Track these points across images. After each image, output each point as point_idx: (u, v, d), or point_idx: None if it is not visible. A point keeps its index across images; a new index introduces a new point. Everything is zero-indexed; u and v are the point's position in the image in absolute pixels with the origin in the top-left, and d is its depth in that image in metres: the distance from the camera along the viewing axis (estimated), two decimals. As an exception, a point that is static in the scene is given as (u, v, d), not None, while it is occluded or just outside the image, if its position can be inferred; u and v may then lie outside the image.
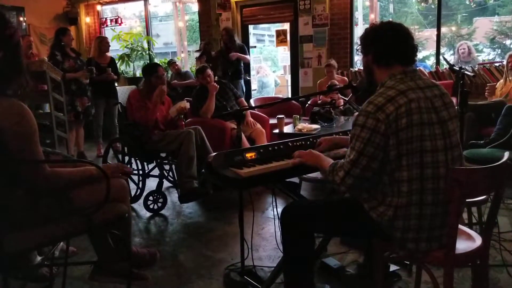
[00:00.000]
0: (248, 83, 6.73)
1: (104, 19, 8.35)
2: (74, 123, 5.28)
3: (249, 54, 6.42)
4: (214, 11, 7.00)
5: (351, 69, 6.22)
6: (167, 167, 3.89)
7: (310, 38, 6.33)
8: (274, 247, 2.75)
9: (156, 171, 3.81)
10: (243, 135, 3.70)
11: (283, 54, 9.66)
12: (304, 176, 3.23)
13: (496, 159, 1.63)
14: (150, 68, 3.83)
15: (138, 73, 7.78)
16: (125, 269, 2.10)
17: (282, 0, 6.66)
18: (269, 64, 12.56)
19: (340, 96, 4.87)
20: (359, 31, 6.48)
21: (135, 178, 3.75)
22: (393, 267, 2.36)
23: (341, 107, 4.87)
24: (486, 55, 10.04)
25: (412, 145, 1.57)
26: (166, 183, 3.91)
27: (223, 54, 5.98)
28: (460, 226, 1.70)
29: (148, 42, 8.06)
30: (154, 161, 3.77)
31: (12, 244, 1.69)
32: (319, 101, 5.29)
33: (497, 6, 10.50)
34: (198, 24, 7.82)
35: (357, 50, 1.92)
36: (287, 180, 2.36)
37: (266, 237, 2.99)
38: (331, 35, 6.24)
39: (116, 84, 6.18)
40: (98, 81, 5.49)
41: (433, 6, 6.61)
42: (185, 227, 3.31)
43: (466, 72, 3.06)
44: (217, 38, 6.71)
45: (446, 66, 5.47)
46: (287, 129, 4.31)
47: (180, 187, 3.51)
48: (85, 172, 1.86)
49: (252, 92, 7.89)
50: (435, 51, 6.31)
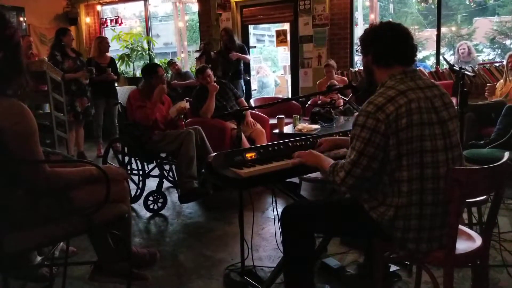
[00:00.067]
0: (248, 83, 6.73)
1: (104, 19, 8.35)
2: (73, 123, 5.28)
3: (249, 54, 6.42)
4: (214, 11, 7.00)
5: (351, 69, 6.22)
6: (167, 167, 3.89)
7: (310, 38, 6.32)
8: (274, 247, 2.75)
9: (156, 171, 3.81)
10: (243, 135, 3.70)
11: (283, 54, 9.66)
12: (304, 176, 3.24)
13: (496, 159, 1.63)
14: (150, 69, 3.83)
15: (138, 73, 7.78)
16: (125, 269, 2.10)
17: (282, 0, 6.66)
18: (269, 64, 12.56)
19: (340, 96, 4.87)
20: (359, 31, 6.48)
21: (135, 178, 3.76)
22: (393, 267, 2.36)
23: (341, 107, 4.87)
24: (486, 55, 10.04)
25: (412, 145, 1.57)
26: (166, 183, 3.91)
27: (223, 54, 5.98)
28: (460, 226, 1.70)
29: (148, 42, 8.05)
30: (154, 161, 3.77)
31: (12, 244, 1.69)
32: (319, 101, 5.29)
33: (497, 6, 10.50)
34: (198, 24, 7.81)
35: (356, 50, 1.92)
36: (287, 180, 2.36)
37: (266, 237, 2.99)
38: (331, 35, 6.24)
39: (116, 84, 6.18)
40: (98, 81, 5.49)
41: (433, 6, 6.61)
42: (185, 227, 3.31)
43: (466, 72, 3.06)
44: (217, 38, 6.70)
45: (446, 66, 5.47)
46: (287, 129, 4.30)
47: (180, 187, 3.51)
48: (85, 172, 1.86)
49: (252, 92, 7.88)
50: (435, 51, 6.31)
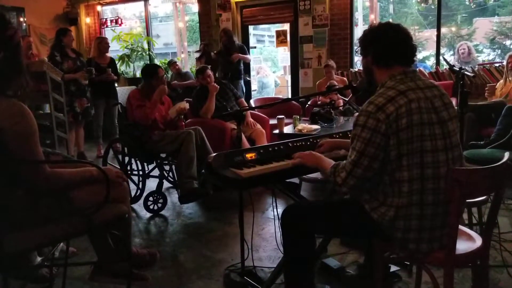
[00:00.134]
0: (248, 84, 6.73)
1: (104, 19, 8.35)
2: (73, 124, 5.28)
3: (249, 54, 6.42)
4: (214, 12, 7.00)
5: (351, 69, 6.22)
6: (167, 167, 3.89)
7: (310, 38, 6.33)
8: (274, 247, 2.75)
9: (156, 172, 3.81)
10: (243, 136, 3.70)
11: (283, 54, 9.67)
12: (304, 176, 3.24)
13: (496, 159, 1.63)
14: (150, 70, 3.81)
15: (138, 74, 7.77)
16: (125, 270, 2.10)
17: (282, 1, 6.66)
18: (269, 64, 12.57)
19: (340, 96, 4.87)
20: (359, 31, 6.48)
21: (135, 178, 3.76)
22: (393, 268, 2.35)
23: (341, 108, 4.87)
24: (486, 55, 10.05)
25: (412, 145, 1.57)
26: (166, 184, 3.91)
27: (223, 55, 5.99)
28: (460, 227, 1.70)
29: (148, 43, 8.05)
30: (154, 162, 3.76)
31: (12, 244, 1.69)
32: (318, 102, 5.30)
33: (497, 6, 10.51)
34: (198, 24, 7.81)
35: (356, 52, 1.92)
36: (287, 180, 2.36)
37: (266, 238, 2.99)
38: (331, 35, 6.24)
39: (116, 85, 6.17)
40: (98, 82, 5.49)
41: (433, 7, 6.61)
42: (185, 228, 3.31)
43: (466, 72, 3.07)
44: (217, 38, 6.70)
45: (446, 66, 5.47)
46: (287, 129, 4.30)
47: (180, 188, 3.51)
48: (85, 173, 1.86)
49: (252, 93, 7.88)
50: (435, 52, 6.31)
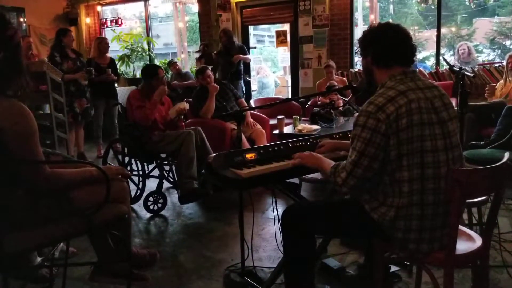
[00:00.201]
0: (248, 84, 6.73)
1: (104, 19, 8.35)
2: (73, 124, 5.28)
3: (249, 54, 6.42)
4: (214, 12, 7.00)
5: (351, 69, 6.22)
6: (167, 167, 3.88)
7: (310, 38, 6.33)
8: (274, 247, 2.75)
9: (156, 172, 3.81)
10: (243, 136, 3.70)
11: (283, 54, 9.68)
12: (304, 176, 3.24)
13: (496, 159, 1.63)
14: (151, 71, 3.81)
15: (138, 74, 7.77)
16: (125, 270, 2.10)
17: (282, 1, 6.66)
18: (269, 64, 12.57)
19: (340, 97, 4.87)
20: (359, 31, 6.48)
21: (135, 179, 3.76)
22: (393, 268, 2.35)
23: (340, 108, 4.87)
24: (486, 55, 10.05)
25: (412, 145, 1.57)
26: (166, 184, 3.91)
27: (223, 55, 5.98)
28: (460, 227, 1.70)
29: (148, 43, 8.05)
30: (154, 162, 3.77)
31: (12, 244, 1.69)
32: (318, 102, 5.30)
33: (497, 6, 10.51)
34: (198, 25, 7.82)
35: (356, 53, 1.93)
36: (287, 180, 2.36)
37: (266, 238, 2.99)
38: (331, 35, 6.24)
39: (116, 85, 6.18)
40: (97, 82, 5.49)
41: (433, 7, 6.61)
42: (185, 228, 3.31)
43: (466, 72, 3.07)
44: (217, 39, 6.70)
45: (446, 66, 5.47)
46: (287, 129, 4.30)
47: (180, 188, 3.51)
48: (85, 173, 1.86)
49: (252, 93, 7.88)
50: (435, 52, 6.31)
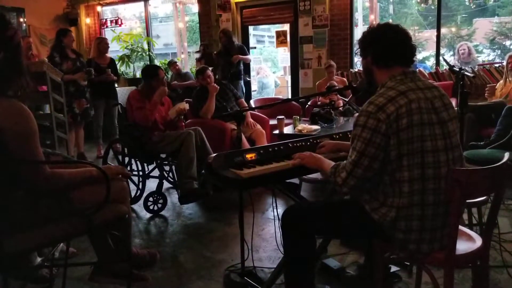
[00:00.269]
0: (248, 84, 6.73)
1: (104, 20, 8.35)
2: (73, 125, 5.28)
3: (249, 54, 6.42)
4: (214, 12, 7.00)
5: (351, 70, 6.23)
6: (167, 168, 3.88)
7: (310, 39, 6.33)
8: (274, 248, 2.74)
9: (156, 172, 3.81)
10: (243, 136, 3.70)
11: (283, 55, 9.68)
12: (304, 177, 3.24)
13: (496, 160, 1.63)
14: (151, 71, 3.80)
15: (138, 74, 7.78)
16: (125, 270, 2.10)
17: (282, 1, 6.67)
18: (269, 65, 12.58)
19: (340, 97, 4.87)
20: (359, 32, 6.49)
21: (135, 179, 3.76)
22: (393, 268, 2.35)
23: (340, 108, 4.87)
24: (486, 56, 10.05)
25: (413, 145, 1.57)
26: (166, 184, 3.91)
27: (223, 55, 5.98)
28: (461, 227, 1.70)
29: (148, 43, 8.05)
30: (154, 162, 3.76)
31: (12, 245, 1.69)
32: (318, 102, 5.30)
33: (497, 7, 10.51)
34: (198, 25, 7.82)
35: (356, 53, 1.93)
36: (287, 181, 2.36)
37: (266, 238, 2.99)
38: (331, 36, 6.24)
39: (116, 85, 6.18)
40: (97, 82, 5.49)
41: (433, 7, 6.61)
42: (185, 228, 3.31)
43: (466, 73, 3.07)
44: (217, 39, 6.70)
45: (446, 67, 5.47)
46: (287, 130, 4.30)
47: (180, 188, 3.51)
48: (85, 173, 1.86)
49: (252, 93, 7.88)
50: (435, 52, 6.32)
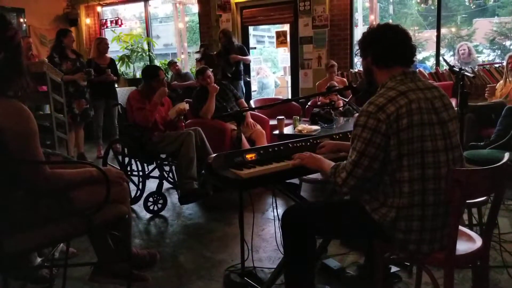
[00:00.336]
0: (248, 84, 6.73)
1: (104, 20, 8.36)
2: (73, 125, 5.28)
3: (249, 54, 6.42)
4: (214, 12, 7.00)
5: (351, 70, 6.23)
6: (167, 168, 3.88)
7: (310, 39, 6.33)
8: (275, 248, 2.74)
9: (156, 172, 3.81)
10: (243, 136, 3.70)
11: (283, 55, 9.68)
12: (304, 177, 3.24)
13: (496, 160, 1.63)
14: (151, 72, 3.80)
15: (138, 75, 7.78)
16: (125, 270, 2.10)
17: (282, 2, 6.67)
18: (269, 65, 12.58)
19: (340, 97, 4.87)
20: (359, 32, 6.49)
21: (135, 179, 3.76)
22: (393, 268, 2.35)
23: (340, 108, 4.87)
24: (486, 56, 10.05)
25: (413, 145, 1.57)
26: (166, 184, 3.91)
27: (223, 56, 5.98)
28: (461, 227, 1.70)
29: (148, 44, 8.05)
30: (154, 162, 3.76)
31: (12, 245, 1.69)
32: (318, 103, 5.30)
33: (497, 7, 10.51)
34: (198, 25, 7.82)
35: (356, 54, 1.92)
36: (287, 181, 2.36)
37: (266, 238, 2.99)
38: (331, 36, 6.25)
39: (116, 85, 6.18)
40: (97, 82, 5.49)
41: (432, 7, 6.61)
42: (185, 228, 3.31)
43: (466, 73, 3.06)
44: (217, 39, 6.71)
45: (446, 67, 5.47)
46: (287, 130, 4.29)
47: (180, 188, 3.51)
48: (85, 173, 1.86)
49: (252, 93, 7.88)
50: (435, 52, 6.31)
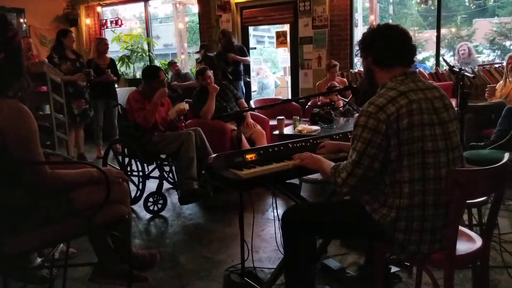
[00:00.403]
0: (248, 85, 6.73)
1: (104, 20, 8.36)
2: (73, 125, 5.28)
3: (249, 55, 6.42)
4: (214, 13, 7.00)
5: (351, 70, 6.23)
6: (167, 168, 3.88)
7: (310, 39, 6.33)
8: (275, 248, 2.74)
9: (156, 173, 3.81)
10: (243, 137, 3.70)
11: (283, 55, 9.69)
12: (304, 177, 3.24)
13: (497, 160, 1.63)
14: (151, 72, 3.80)
15: (138, 75, 7.79)
16: (125, 271, 2.10)
17: (282, 2, 6.67)
18: (269, 65, 12.58)
19: (340, 97, 4.87)
20: (359, 32, 6.49)
21: (135, 179, 3.76)
22: (393, 269, 2.35)
23: (341, 109, 4.87)
24: (486, 56, 10.05)
25: (413, 145, 1.57)
26: (166, 185, 3.91)
27: (222, 56, 5.98)
28: (461, 228, 1.70)
29: (148, 44, 8.05)
30: (154, 163, 3.77)
31: (12, 245, 1.69)
32: (318, 103, 5.30)
33: (497, 7, 10.52)
34: (198, 25, 7.82)
35: (356, 55, 1.92)
36: (288, 181, 2.36)
37: (266, 239, 2.99)
38: (331, 36, 6.25)
39: (116, 86, 6.18)
40: (97, 83, 5.49)
41: (432, 8, 6.61)
42: (185, 229, 3.31)
43: (466, 73, 3.07)
44: (217, 39, 6.71)
45: (446, 67, 5.46)
46: (287, 130, 4.29)
47: (180, 189, 3.51)
48: (85, 174, 1.86)
49: (252, 94, 7.88)
50: (435, 52, 6.31)
